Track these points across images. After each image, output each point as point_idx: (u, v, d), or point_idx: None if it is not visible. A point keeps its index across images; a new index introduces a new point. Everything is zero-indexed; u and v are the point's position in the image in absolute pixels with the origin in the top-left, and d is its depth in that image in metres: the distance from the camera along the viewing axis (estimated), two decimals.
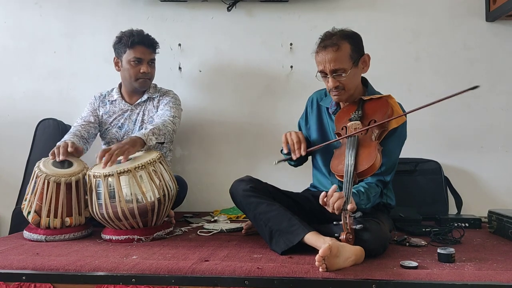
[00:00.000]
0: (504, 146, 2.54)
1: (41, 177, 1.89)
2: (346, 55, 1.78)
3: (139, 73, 2.28)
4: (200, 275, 1.40)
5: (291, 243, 1.59)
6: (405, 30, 2.58)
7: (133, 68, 2.28)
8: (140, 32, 2.30)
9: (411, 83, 2.56)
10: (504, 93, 2.54)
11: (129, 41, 2.25)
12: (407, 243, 1.76)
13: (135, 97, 2.38)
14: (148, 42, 2.30)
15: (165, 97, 2.36)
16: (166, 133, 2.10)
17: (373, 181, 1.75)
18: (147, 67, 2.28)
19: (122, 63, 2.31)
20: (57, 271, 1.46)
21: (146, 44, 2.29)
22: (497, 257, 1.58)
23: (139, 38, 2.27)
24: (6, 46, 2.76)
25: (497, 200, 2.49)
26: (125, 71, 2.31)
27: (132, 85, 2.32)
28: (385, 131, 1.75)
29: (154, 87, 2.41)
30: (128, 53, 2.27)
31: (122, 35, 2.30)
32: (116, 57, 2.33)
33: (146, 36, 2.30)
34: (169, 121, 2.17)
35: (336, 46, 1.77)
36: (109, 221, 1.86)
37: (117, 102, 2.38)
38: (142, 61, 2.28)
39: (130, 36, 2.26)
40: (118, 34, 2.32)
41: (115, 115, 2.37)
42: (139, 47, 2.27)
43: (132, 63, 2.27)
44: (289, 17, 2.64)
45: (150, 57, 2.31)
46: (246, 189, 1.75)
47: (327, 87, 1.85)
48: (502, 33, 2.53)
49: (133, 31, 2.29)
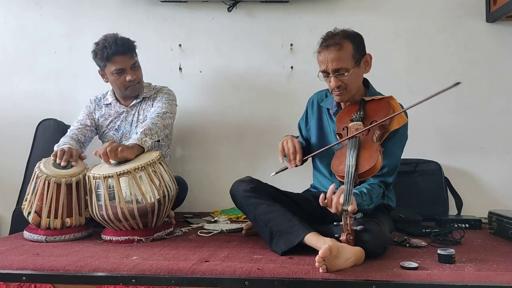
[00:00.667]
0: (504, 147, 2.54)
1: (42, 178, 1.89)
2: (348, 55, 1.78)
3: (125, 82, 2.22)
4: (200, 275, 1.40)
5: (291, 243, 1.59)
6: (405, 31, 2.58)
7: (118, 79, 2.22)
8: (113, 41, 2.18)
9: (411, 84, 2.56)
10: (504, 93, 2.54)
11: (104, 54, 2.17)
12: (407, 244, 1.75)
13: (129, 100, 2.35)
14: (123, 49, 2.18)
15: (159, 94, 2.33)
16: (157, 130, 2.08)
17: (375, 182, 1.75)
18: (131, 74, 2.21)
19: (106, 75, 2.26)
20: (57, 271, 1.46)
21: (122, 52, 2.18)
22: (497, 258, 1.58)
23: (113, 48, 2.16)
24: (7, 47, 2.76)
25: (498, 201, 2.49)
26: (112, 82, 2.27)
27: (124, 93, 2.30)
28: (387, 132, 1.74)
29: (147, 86, 2.37)
30: (108, 66, 2.21)
31: (96, 48, 2.21)
32: (100, 70, 2.28)
33: (119, 44, 2.18)
34: (157, 118, 2.14)
35: (338, 45, 1.77)
36: (109, 222, 1.86)
37: (112, 105, 2.36)
38: (125, 70, 2.20)
39: (104, 49, 2.17)
40: (92, 48, 2.23)
41: (111, 118, 2.35)
42: (116, 57, 2.18)
43: (116, 74, 2.21)
44: (289, 18, 2.64)
45: (131, 63, 2.22)
46: (247, 190, 1.75)
47: (329, 87, 1.85)
48: (502, 34, 2.53)
49: (105, 42, 2.18)
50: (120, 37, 2.22)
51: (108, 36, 2.22)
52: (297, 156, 1.82)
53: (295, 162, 1.82)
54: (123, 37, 2.23)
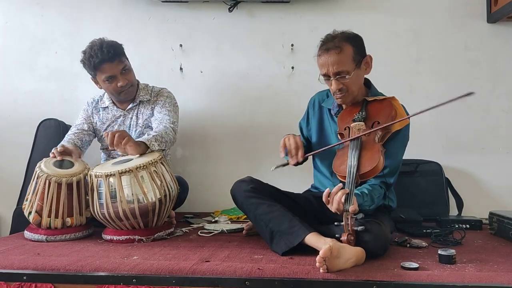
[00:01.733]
0: (505, 147, 2.54)
1: (42, 177, 1.90)
2: (348, 57, 1.78)
3: (117, 87, 2.19)
4: (200, 275, 1.40)
5: (291, 244, 1.59)
6: (406, 31, 2.58)
7: (110, 86, 2.19)
8: (98, 49, 2.12)
9: (412, 84, 2.56)
10: (505, 94, 2.54)
11: (91, 64, 2.14)
12: (408, 244, 1.75)
13: (126, 103, 2.32)
14: (109, 56, 2.13)
15: (159, 97, 2.31)
16: (167, 141, 2.08)
17: (376, 183, 1.75)
18: (122, 79, 2.18)
19: (99, 83, 2.23)
20: (58, 271, 1.46)
21: (108, 59, 2.13)
22: (498, 259, 1.58)
23: (99, 57, 2.12)
24: (8, 46, 2.76)
25: (498, 202, 2.48)
26: (105, 89, 2.26)
27: (118, 98, 2.29)
28: (388, 133, 1.74)
29: (144, 88, 2.34)
30: (99, 75, 2.18)
31: (83, 58, 2.17)
32: (92, 78, 2.25)
33: (105, 51, 2.12)
34: (170, 128, 2.14)
35: (338, 48, 1.77)
36: (110, 221, 1.86)
37: (109, 109, 2.34)
38: (115, 76, 2.17)
39: (90, 58, 2.13)
40: (80, 57, 2.19)
41: (108, 122, 2.34)
42: (104, 65, 2.14)
43: (106, 82, 2.18)
44: (290, 18, 2.64)
45: (120, 68, 2.17)
46: (247, 190, 1.75)
47: (331, 90, 1.84)
48: (503, 35, 2.53)
49: (91, 51, 2.13)
50: (106, 42, 2.16)
51: (94, 43, 2.16)
52: (299, 152, 1.81)
53: (297, 158, 1.81)
54: (110, 42, 2.17)
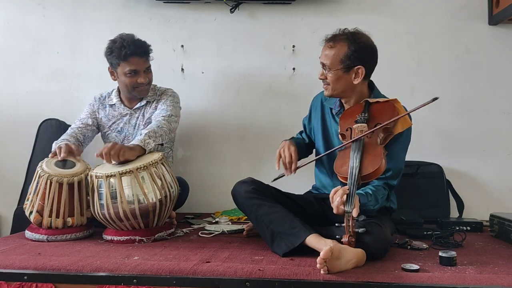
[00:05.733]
0: (506, 149, 2.53)
1: (44, 177, 1.89)
2: (337, 56, 1.80)
3: (136, 83, 2.20)
4: (201, 276, 1.40)
5: (292, 245, 1.59)
6: (407, 33, 2.58)
7: (130, 80, 2.18)
8: (131, 41, 2.15)
9: (413, 86, 2.55)
10: (506, 96, 2.54)
11: (122, 53, 2.13)
12: (408, 246, 1.76)
13: (134, 102, 2.33)
14: (141, 51, 2.16)
15: (163, 96, 2.32)
16: (162, 134, 2.06)
17: (380, 184, 1.75)
18: (144, 77, 2.19)
19: (117, 74, 2.22)
20: (58, 271, 1.47)
21: (139, 54, 2.16)
22: (498, 261, 1.58)
23: (131, 49, 2.13)
24: (10, 47, 2.76)
25: (499, 204, 2.48)
26: (121, 82, 2.24)
27: (131, 93, 2.28)
28: (390, 135, 1.73)
29: (152, 89, 2.35)
30: (122, 66, 2.17)
31: (112, 46, 2.17)
32: (110, 67, 2.24)
33: (138, 45, 2.16)
34: (163, 121, 2.12)
35: (332, 43, 1.81)
36: (110, 221, 1.86)
37: (116, 106, 2.34)
38: (138, 72, 2.18)
39: (122, 48, 2.13)
40: (108, 44, 2.19)
41: (114, 119, 2.34)
42: (133, 58, 2.15)
43: (128, 75, 2.17)
44: (291, 19, 2.64)
45: (145, 66, 2.21)
46: (248, 191, 1.76)
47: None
48: (504, 37, 2.53)
49: (123, 42, 2.14)
50: (138, 38, 2.20)
51: (125, 36, 2.18)
52: (292, 165, 1.88)
53: (291, 171, 1.88)
54: (141, 39, 2.20)
